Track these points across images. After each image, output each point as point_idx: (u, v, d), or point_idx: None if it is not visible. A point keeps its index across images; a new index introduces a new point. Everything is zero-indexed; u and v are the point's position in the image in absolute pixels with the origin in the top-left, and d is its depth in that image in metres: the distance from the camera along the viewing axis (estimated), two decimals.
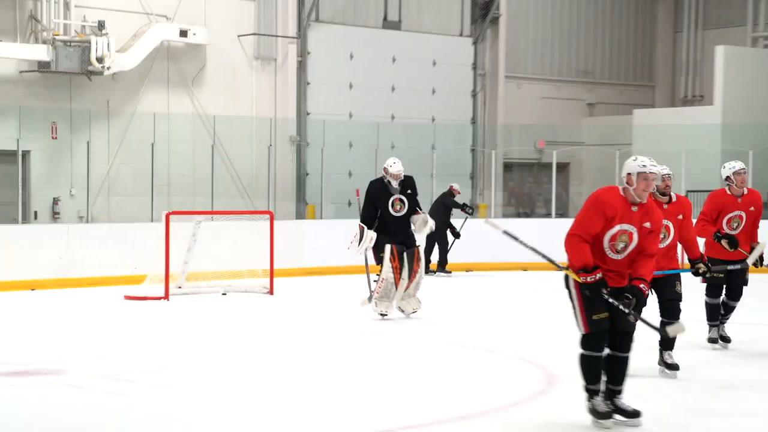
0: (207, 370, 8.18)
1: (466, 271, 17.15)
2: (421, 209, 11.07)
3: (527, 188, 22.92)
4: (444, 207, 16.62)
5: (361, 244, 10.83)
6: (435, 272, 16.38)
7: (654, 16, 25.50)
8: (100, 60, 16.65)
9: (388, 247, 10.73)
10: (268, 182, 18.28)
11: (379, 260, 10.86)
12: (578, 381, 7.61)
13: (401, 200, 10.91)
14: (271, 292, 13.63)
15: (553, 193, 19.39)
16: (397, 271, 10.74)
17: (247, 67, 19.20)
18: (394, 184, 10.95)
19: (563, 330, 10.34)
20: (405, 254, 10.81)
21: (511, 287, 15.25)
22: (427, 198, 18.67)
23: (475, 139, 21.99)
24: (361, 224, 10.91)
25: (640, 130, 21.79)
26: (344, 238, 17.13)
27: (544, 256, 6.53)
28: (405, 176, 11.02)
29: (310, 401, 6.95)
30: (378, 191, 11.00)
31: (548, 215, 19.82)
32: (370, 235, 10.81)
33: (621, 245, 6.17)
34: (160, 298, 12.90)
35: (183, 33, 17.90)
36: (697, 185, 20.08)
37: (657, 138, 21.29)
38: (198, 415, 6.52)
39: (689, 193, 19.74)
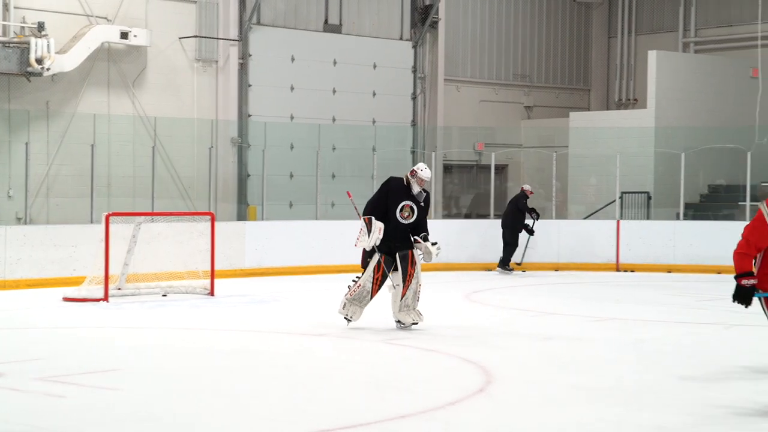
0: (147, 371, 8.19)
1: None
2: (427, 230, 10.39)
3: (465, 189, 23.18)
4: (519, 211, 17.73)
5: (371, 236, 10.13)
6: (512, 270, 17.67)
7: (588, 21, 25.97)
8: (39, 61, 16.54)
9: (376, 257, 10.25)
10: (209, 183, 18.29)
11: (365, 265, 10.40)
12: (516, 379, 7.83)
13: (412, 208, 10.31)
14: (211, 293, 13.66)
15: (491, 194, 19.65)
16: (377, 284, 10.27)
17: (189, 68, 19.19)
18: (416, 189, 10.34)
19: (501, 329, 10.50)
20: (398, 258, 10.27)
21: (448, 287, 15.41)
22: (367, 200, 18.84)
23: (415, 141, 22.18)
24: (366, 217, 10.25)
25: (576, 132, 22.16)
26: (285, 239, 17.39)
27: None
28: (424, 190, 10.47)
29: (251, 401, 7.02)
30: (396, 189, 10.36)
31: (487, 216, 20.06)
32: (379, 226, 10.15)
33: None
34: (99, 300, 12.86)
35: (124, 35, 17.86)
36: (631, 186, 20.52)
37: (592, 140, 21.68)
38: (139, 417, 6.55)
39: (624, 194, 20.19)
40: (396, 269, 10.28)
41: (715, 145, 20.27)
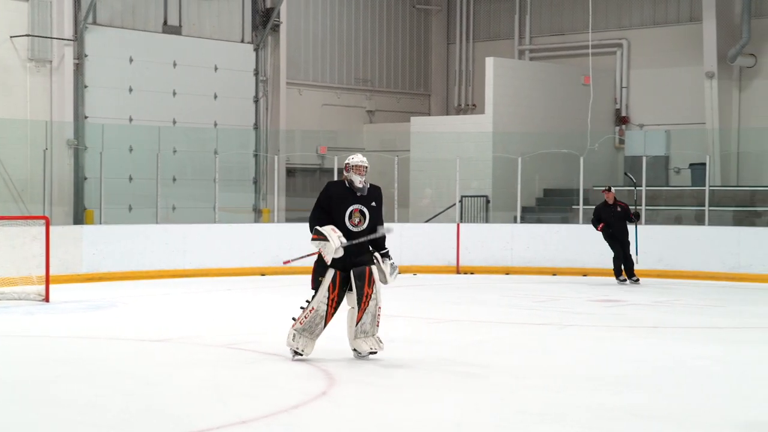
0: None
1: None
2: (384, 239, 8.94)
3: (309, 193, 23.24)
4: (596, 220, 16.74)
5: (332, 240, 8.55)
6: (626, 280, 16.69)
7: (428, 27, 26.46)
8: None
9: (330, 273, 8.70)
10: (43, 186, 17.75)
11: (316, 285, 8.79)
12: (358, 382, 7.90)
13: (362, 212, 8.78)
14: (46, 299, 13.29)
15: None
16: (333, 306, 8.78)
17: (21, 68, 18.58)
18: (357, 182, 8.77)
19: (343, 332, 10.60)
20: (353, 276, 8.70)
21: (293, 290, 15.40)
22: (209, 203, 18.69)
23: (257, 145, 22.11)
24: (313, 234, 8.66)
25: (417, 137, 22.52)
26: (124, 243, 17.01)
27: None
28: (372, 185, 8.95)
29: (87, 410, 6.87)
30: (338, 194, 8.79)
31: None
32: (330, 227, 8.61)
33: None
34: None
35: None
36: (470, 190, 20.99)
37: (433, 145, 22.08)
38: None
39: (463, 198, 20.64)
40: (351, 289, 8.76)
41: (549, 150, 20.96)
